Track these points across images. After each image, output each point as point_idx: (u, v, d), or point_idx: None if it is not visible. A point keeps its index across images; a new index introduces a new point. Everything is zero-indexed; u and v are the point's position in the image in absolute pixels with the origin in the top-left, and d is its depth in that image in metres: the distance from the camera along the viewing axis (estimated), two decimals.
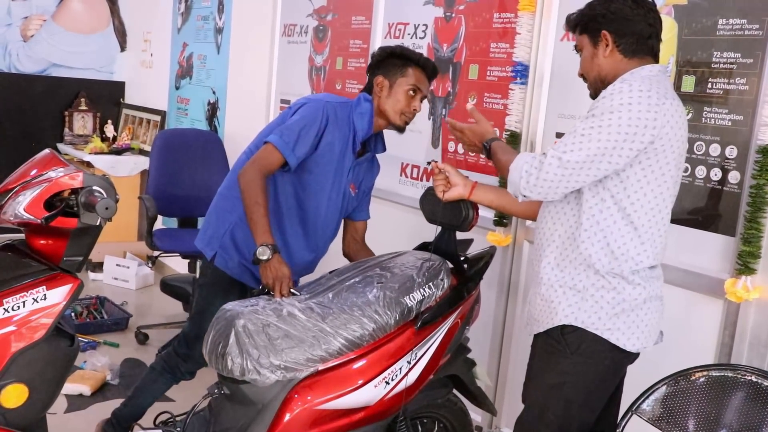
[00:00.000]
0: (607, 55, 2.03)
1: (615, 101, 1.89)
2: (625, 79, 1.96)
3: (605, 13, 2.02)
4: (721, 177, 2.37)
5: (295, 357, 2.10)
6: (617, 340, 2.00)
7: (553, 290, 2.05)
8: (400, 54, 2.64)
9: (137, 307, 4.90)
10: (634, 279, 1.99)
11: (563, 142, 1.93)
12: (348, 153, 2.66)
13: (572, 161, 1.90)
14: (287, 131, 2.51)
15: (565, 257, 2.04)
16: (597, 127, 1.88)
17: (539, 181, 1.94)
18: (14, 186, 2.01)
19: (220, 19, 5.08)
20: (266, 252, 2.33)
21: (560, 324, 2.03)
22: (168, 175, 4.46)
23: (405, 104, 2.62)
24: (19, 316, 1.93)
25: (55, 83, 6.14)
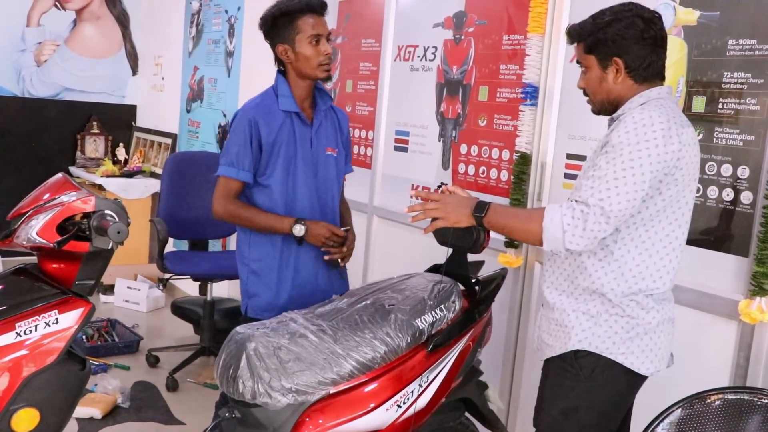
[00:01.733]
0: (619, 82, 2.00)
1: (640, 136, 1.85)
2: (644, 107, 1.92)
3: (616, 38, 1.96)
4: (733, 197, 2.35)
5: (306, 380, 2.09)
6: (631, 364, 1.99)
7: (566, 315, 2.03)
8: (281, 13, 2.58)
9: (148, 330, 4.90)
10: (647, 303, 1.98)
11: (598, 189, 1.86)
12: (299, 129, 2.64)
13: (615, 210, 1.85)
14: (225, 156, 2.62)
15: (577, 285, 2.03)
16: (629, 169, 1.84)
17: (586, 232, 1.86)
18: (27, 210, 2.03)
19: (231, 43, 5.12)
20: (299, 228, 2.53)
21: (574, 349, 2.01)
22: (179, 198, 4.47)
23: (315, 56, 2.57)
24: (31, 340, 1.94)
25: (68, 107, 6.20)
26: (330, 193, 2.75)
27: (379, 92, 3.84)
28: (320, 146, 2.70)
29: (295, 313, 2.31)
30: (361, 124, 3.95)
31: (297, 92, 2.65)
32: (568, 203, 1.90)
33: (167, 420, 3.63)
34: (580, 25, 2.05)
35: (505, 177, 3.16)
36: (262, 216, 2.60)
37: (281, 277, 2.67)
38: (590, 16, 2.04)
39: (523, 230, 1.99)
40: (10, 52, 5.97)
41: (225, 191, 2.62)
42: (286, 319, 2.26)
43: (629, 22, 1.96)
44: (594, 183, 1.87)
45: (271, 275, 2.66)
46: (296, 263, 2.67)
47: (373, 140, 3.89)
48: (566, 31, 2.11)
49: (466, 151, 3.35)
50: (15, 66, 6.01)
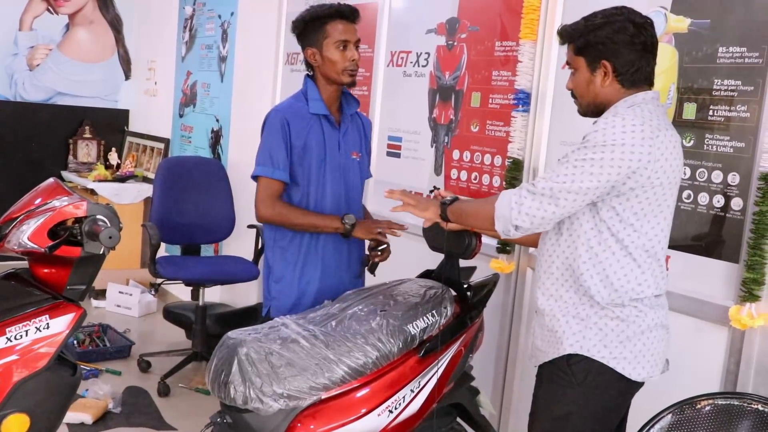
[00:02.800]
0: (606, 85, 2.00)
1: (608, 136, 1.87)
2: (618, 111, 1.94)
3: (606, 41, 1.96)
4: (723, 204, 2.37)
5: (298, 385, 2.09)
6: (623, 369, 1.99)
7: (556, 320, 2.04)
8: (311, 18, 2.64)
9: (140, 335, 4.89)
10: (637, 306, 1.98)
11: (555, 171, 1.92)
12: (328, 132, 2.67)
13: (564, 191, 1.88)
14: (261, 156, 2.63)
15: (568, 288, 2.03)
16: (590, 159, 1.87)
17: (531, 210, 1.91)
18: (18, 215, 2.02)
19: (224, 48, 5.12)
20: (350, 219, 2.58)
21: (566, 353, 2.01)
22: (171, 203, 4.47)
23: (342, 61, 2.61)
24: (21, 345, 1.93)
25: (60, 111, 6.19)
26: (356, 197, 2.80)
27: (372, 98, 3.85)
28: (347, 150, 2.74)
29: (287, 318, 2.32)
30: None
31: (325, 96, 2.68)
32: (521, 185, 1.98)
33: (158, 425, 3.62)
34: (572, 26, 2.05)
35: (497, 183, 3.17)
36: (311, 215, 2.63)
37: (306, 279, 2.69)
38: (582, 18, 2.04)
39: (479, 214, 2.09)
40: (2, 56, 5.95)
41: (269, 192, 2.61)
42: (277, 325, 2.26)
43: (620, 26, 1.95)
44: (552, 170, 1.94)
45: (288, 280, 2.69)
46: (323, 264, 2.69)
47: None
48: (558, 32, 2.10)
49: (458, 157, 3.35)
50: (7, 70, 6.00)
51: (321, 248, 2.68)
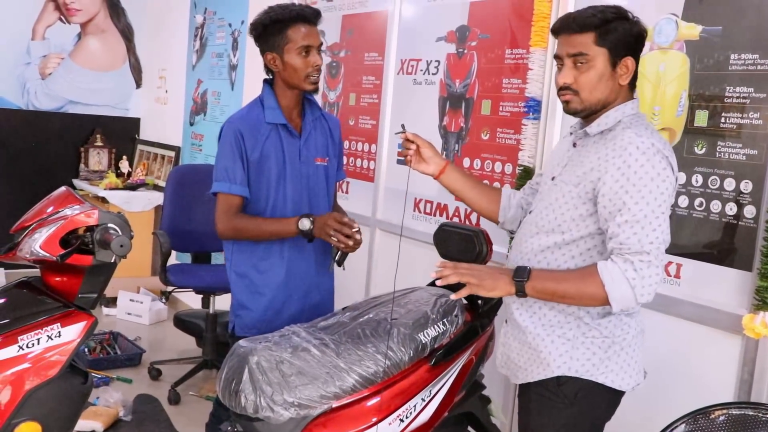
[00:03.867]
0: (622, 84, 1.93)
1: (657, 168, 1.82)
2: (637, 131, 1.87)
3: (634, 40, 1.90)
4: (736, 211, 2.35)
5: (308, 394, 2.08)
6: (612, 382, 1.96)
7: (540, 339, 1.98)
8: (272, 21, 2.52)
9: (150, 343, 4.90)
10: (622, 320, 1.96)
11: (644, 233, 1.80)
12: (287, 141, 2.60)
13: (664, 246, 1.83)
14: (217, 172, 2.58)
15: (551, 307, 1.97)
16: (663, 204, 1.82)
17: (652, 279, 1.80)
18: (31, 223, 2.04)
19: (234, 57, 5.14)
20: (305, 223, 2.45)
21: (555, 375, 1.96)
22: (182, 211, 4.48)
23: (304, 67, 2.52)
24: (33, 354, 1.94)
25: (72, 120, 6.23)
26: (321, 204, 2.71)
27: (381, 106, 3.85)
28: (310, 157, 2.66)
29: (297, 326, 2.31)
30: (363, 138, 3.96)
31: (284, 102, 2.60)
32: (621, 258, 1.81)
33: None
34: (588, 14, 1.90)
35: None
36: (268, 222, 2.55)
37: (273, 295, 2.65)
38: (593, 8, 1.91)
39: (580, 294, 1.85)
40: (15, 65, 6.00)
41: (225, 208, 2.56)
42: (288, 333, 2.26)
43: (637, 24, 1.92)
44: (636, 228, 1.81)
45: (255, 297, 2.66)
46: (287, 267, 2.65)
47: (375, 153, 3.90)
48: (570, 20, 1.93)
49: (468, 165, 3.35)
50: (20, 79, 6.04)
51: (285, 250, 2.63)
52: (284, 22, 2.51)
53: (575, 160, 2.00)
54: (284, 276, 2.64)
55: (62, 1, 6.13)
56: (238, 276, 2.68)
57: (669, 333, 2.49)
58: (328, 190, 2.75)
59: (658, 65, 2.52)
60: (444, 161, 2.32)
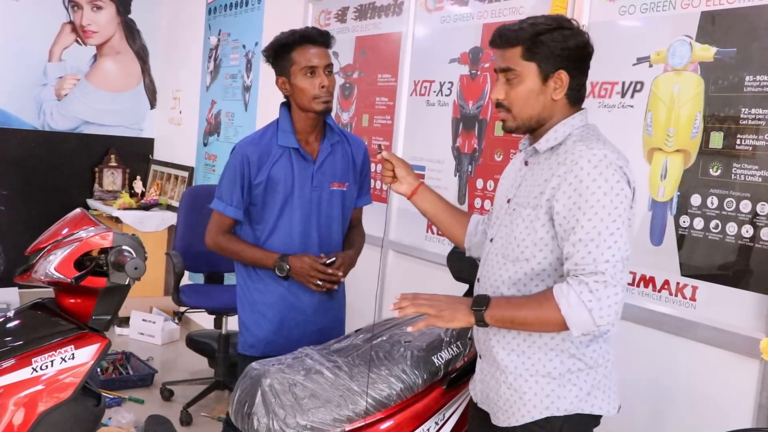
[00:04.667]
0: (557, 98, 1.84)
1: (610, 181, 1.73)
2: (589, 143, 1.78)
3: (568, 52, 1.80)
4: (752, 233, 2.33)
5: (321, 417, 2.07)
6: (600, 410, 1.89)
7: (522, 380, 1.86)
8: (278, 45, 2.54)
9: (163, 363, 4.90)
10: (603, 347, 1.89)
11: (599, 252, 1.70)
12: (298, 165, 2.60)
13: (622, 265, 1.72)
14: (219, 190, 2.62)
15: (533, 343, 1.86)
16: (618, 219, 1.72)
17: (611, 300, 1.69)
18: (46, 245, 2.05)
19: (248, 78, 5.17)
20: (282, 268, 2.52)
21: (542, 417, 1.86)
22: (195, 231, 4.47)
23: (310, 88, 2.50)
24: (46, 376, 1.94)
25: (87, 140, 6.27)
26: (333, 231, 2.69)
27: (395, 127, 3.86)
28: (324, 182, 2.65)
29: (310, 348, 2.31)
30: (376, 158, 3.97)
31: (300, 125, 2.60)
32: (576, 279, 1.72)
33: None
34: (516, 26, 1.84)
35: None
36: (249, 251, 2.61)
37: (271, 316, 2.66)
38: (526, 21, 1.85)
39: (540, 321, 1.77)
40: (32, 86, 6.06)
41: (217, 224, 2.64)
42: (301, 355, 2.26)
43: (577, 35, 1.83)
44: (590, 247, 1.71)
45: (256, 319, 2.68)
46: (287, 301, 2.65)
47: None
48: (499, 32, 1.87)
49: (482, 186, 3.34)
50: (36, 100, 6.10)
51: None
52: (290, 45, 2.53)
53: (529, 180, 1.91)
54: (285, 298, 2.64)
55: (79, 24, 6.20)
56: (241, 296, 2.71)
57: (685, 356, 2.46)
58: (343, 217, 2.73)
59: (672, 87, 2.52)
60: (417, 182, 2.26)
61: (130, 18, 6.41)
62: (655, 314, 2.51)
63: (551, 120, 1.87)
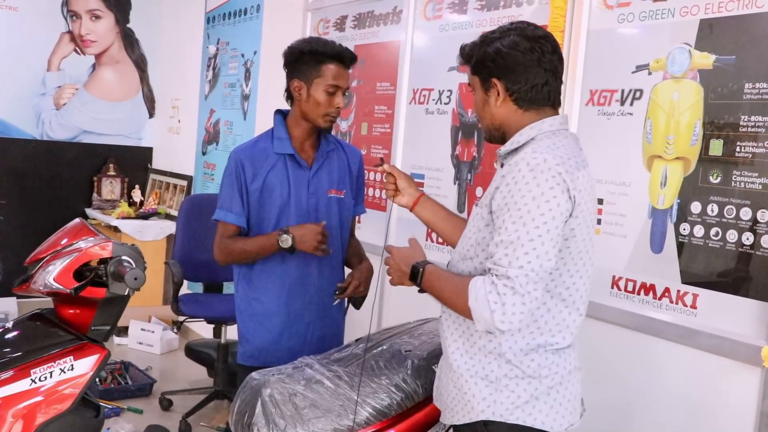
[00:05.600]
0: (500, 105, 1.86)
1: (542, 186, 1.71)
2: (535, 149, 1.77)
3: (495, 57, 1.82)
4: (753, 241, 2.33)
5: (322, 427, 2.07)
6: (542, 424, 1.83)
7: (464, 380, 1.87)
8: (310, 51, 2.51)
9: (162, 373, 4.88)
10: (548, 359, 1.84)
11: (515, 255, 1.69)
12: (294, 172, 2.60)
13: (540, 273, 1.70)
14: (219, 200, 2.61)
15: (474, 344, 1.86)
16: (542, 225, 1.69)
17: (516, 307, 1.68)
18: (45, 255, 2.04)
19: (247, 87, 5.18)
20: (286, 239, 2.45)
21: (479, 420, 1.85)
22: (194, 240, 4.49)
23: (326, 105, 2.51)
24: (45, 387, 1.93)
25: (85, 149, 6.27)
26: (332, 238, 2.66)
27: (394, 135, 3.86)
28: (321, 189, 2.64)
29: (310, 358, 2.30)
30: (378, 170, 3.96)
31: (296, 133, 2.61)
32: (489, 278, 1.72)
33: None
34: (470, 44, 1.92)
35: None
36: (250, 242, 2.57)
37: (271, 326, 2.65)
38: (480, 37, 1.91)
39: (453, 305, 1.82)
40: (30, 96, 6.06)
41: (221, 235, 2.61)
42: (301, 365, 2.25)
43: (510, 41, 1.82)
44: (508, 250, 1.70)
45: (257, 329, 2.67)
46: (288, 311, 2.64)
47: None
48: (459, 50, 1.97)
49: (481, 194, 3.34)
50: (35, 109, 6.10)
51: (286, 280, 2.63)
52: (322, 56, 2.51)
53: (492, 184, 1.91)
54: (285, 307, 2.63)
55: (78, 33, 6.21)
56: (239, 305, 2.70)
57: (686, 364, 2.45)
58: (342, 223, 2.71)
59: (671, 94, 2.52)
60: (418, 193, 2.29)
61: (129, 27, 6.41)
62: (656, 322, 2.51)
63: (510, 127, 1.88)
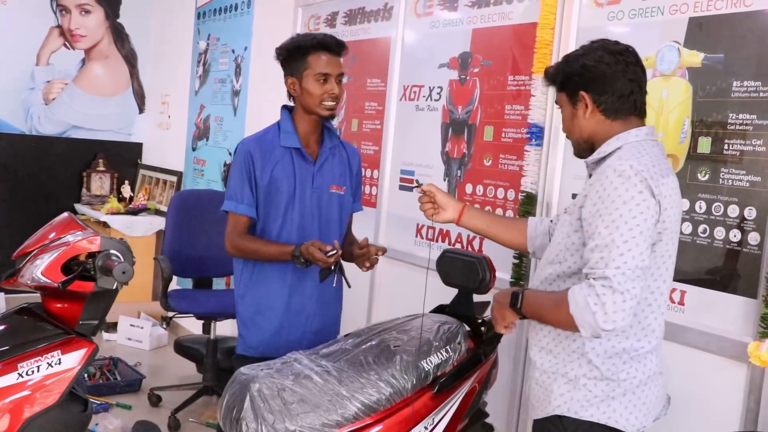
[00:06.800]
0: (588, 117, 1.94)
1: (631, 190, 1.77)
2: (621, 156, 1.84)
3: (581, 71, 1.92)
4: (740, 238, 2.34)
5: (310, 422, 2.06)
6: (616, 423, 1.90)
7: (546, 376, 1.98)
8: (294, 47, 2.57)
9: (151, 368, 4.86)
10: (629, 364, 1.90)
11: (611, 258, 1.75)
12: (300, 165, 2.62)
13: (637, 272, 1.76)
14: (229, 190, 2.62)
15: (558, 343, 1.95)
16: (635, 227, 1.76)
17: (617, 306, 1.74)
18: (33, 249, 2.03)
19: (237, 82, 5.16)
20: (300, 262, 2.45)
21: (554, 414, 1.94)
22: (184, 236, 4.47)
23: (320, 93, 2.54)
24: (33, 381, 1.92)
25: (74, 145, 6.24)
26: (332, 233, 2.68)
27: (384, 132, 3.86)
28: (324, 184, 2.67)
29: (299, 353, 2.30)
30: (366, 163, 3.96)
31: (302, 127, 2.63)
32: (587, 283, 1.79)
33: None
34: (554, 65, 2.04)
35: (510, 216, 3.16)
36: (264, 248, 2.58)
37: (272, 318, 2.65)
38: (563, 58, 2.02)
39: (555, 321, 1.90)
40: (19, 90, 6.03)
41: (232, 227, 2.61)
42: (290, 360, 2.24)
43: (596, 55, 1.92)
44: (603, 253, 1.77)
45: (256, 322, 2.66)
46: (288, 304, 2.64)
47: (378, 179, 3.90)
48: (543, 73, 2.08)
49: (471, 191, 3.35)
50: (24, 104, 6.06)
51: (288, 273, 2.63)
52: (306, 49, 2.56)
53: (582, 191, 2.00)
54: (286, 300, 2.63)
55: (67, 27, 6.17)
56: (241, 297, 2.69)
57: (673, 360, 2.45)
58: (341, 219, 2.73)
59: (660, 92, 2.53)
60: (461, 204, 2.33)
61: (119, 22, 6.38)
62: None
63: (598, 138, 1.96)
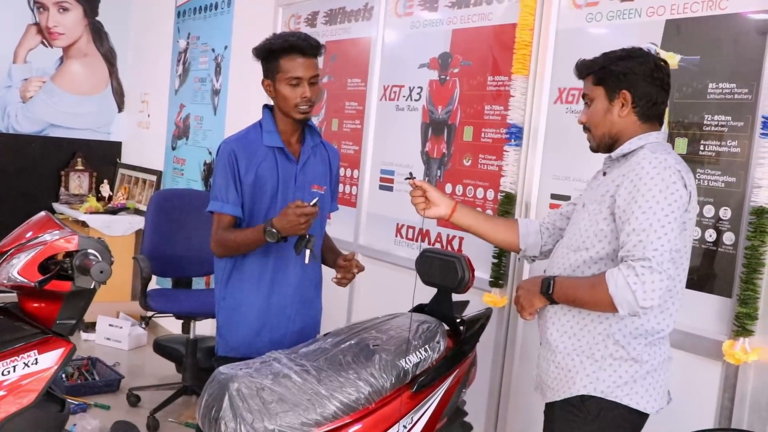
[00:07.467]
0: (624, 115, 2.03)
1: (666, 180, 1.89)
2: (655, 150, 1.95)
3: (627, 71, 2.01)
4: (716, 238, 2.37)
5: (289, 421, 2.07)
6: (637, 404, 2.00)
7: (570, 359, 2.05)
8: (269, 49, 2.54)
9: (129, 368, 4.84)
10: (652, 344, 2.01)
11: (649, 240, 1.86)
12: (283, 164, 2.60)
13: (671, 253, 1.86)
14: (213, 190, 2.60)
15: (584, 326, 2.03)
16: (671, 214, 1.87)
17: (655, 284, 1.84)
18: (9, 248, 2.01)
19: (218, 81, 5.15)
20: (271, 234, 2.38)
21: (579, 394, 2.02)
22: (163, 235, 4.45)
23: (293, 98, 2.53)
24: (8, 381, 1.91)
25: (52, 143, 6.19)
26: (314, 231, 2.64)
27: (364, 131, 3.87)
28: (306, 183, 2.66)
29: (278, 353, 2.30)
30: (346, 163, 3.97)
31: (282, 127, 2.61)
32: (626, 264, 1.88)
33: None
34: (591, 59, 2.09)
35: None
36: (241, 235, 2.53)
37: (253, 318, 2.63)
38: (602, 54, 2.08)
39: (592, 301, 1.97)
40: None
41: (218, 227, 2.58)
42: (269, 360, 2.24)
43: (641, 60, 2.02)
44: (642, 236, 1.87)
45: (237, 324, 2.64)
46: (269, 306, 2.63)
47: (358, 179, 3.91)
48: (576, 65, 2.13)
49: (450, 191, 3.36)
50: (0, 102, 6.01)
51: (268, 273, 2.61)
52: (277, 51, 2.53)
53: (602, 185, 2.09)
54: (266, 299, 2.62)
55: (45, 25, 6.12)
56: (221, 297, 2.67)
57: None
58: (321, 218, 2.72)
59: None
60: (453, 201, 2.35)
61: (98, 20, 6.34)
62: None
63: (624, 136, 2.05)
